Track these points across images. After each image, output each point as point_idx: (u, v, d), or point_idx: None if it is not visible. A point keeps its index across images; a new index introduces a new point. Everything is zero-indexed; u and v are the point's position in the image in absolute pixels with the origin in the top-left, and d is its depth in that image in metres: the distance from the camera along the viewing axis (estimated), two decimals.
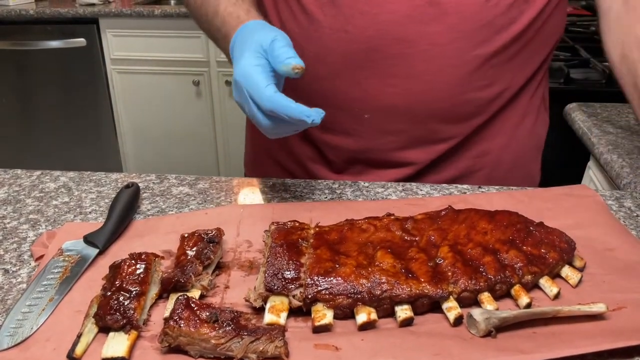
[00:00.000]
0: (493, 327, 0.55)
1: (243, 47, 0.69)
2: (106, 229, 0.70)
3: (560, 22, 0.87)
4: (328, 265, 0.60)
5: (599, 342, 0.53)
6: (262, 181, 0.88)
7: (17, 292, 0.62)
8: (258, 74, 0.66)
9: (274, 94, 0.64)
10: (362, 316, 0.57)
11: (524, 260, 0.62)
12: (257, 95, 0.65)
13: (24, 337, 0.55)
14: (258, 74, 0.66)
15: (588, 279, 0.64)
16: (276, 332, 0.53)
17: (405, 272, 0.60)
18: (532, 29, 0.82)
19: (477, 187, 0.85)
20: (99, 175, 0.89)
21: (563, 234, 0.67)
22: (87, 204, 0.81)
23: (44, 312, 0.58)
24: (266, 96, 0.64)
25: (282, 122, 0.66)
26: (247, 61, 0.67)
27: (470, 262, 0.62)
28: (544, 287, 0.62)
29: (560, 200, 0.79)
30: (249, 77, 0.66)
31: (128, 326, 0.55)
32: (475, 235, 0.66)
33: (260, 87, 0.65)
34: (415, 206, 0.76)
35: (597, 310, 0.57)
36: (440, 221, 0.69)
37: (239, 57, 0.68)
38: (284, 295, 0.58)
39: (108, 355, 0.52)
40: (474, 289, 0.59)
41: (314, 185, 0.86)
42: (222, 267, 0.66)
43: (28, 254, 0.69)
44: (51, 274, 0.63)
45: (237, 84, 0.68)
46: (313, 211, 0.76)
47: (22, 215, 0.78)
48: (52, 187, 0.85)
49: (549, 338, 0.55)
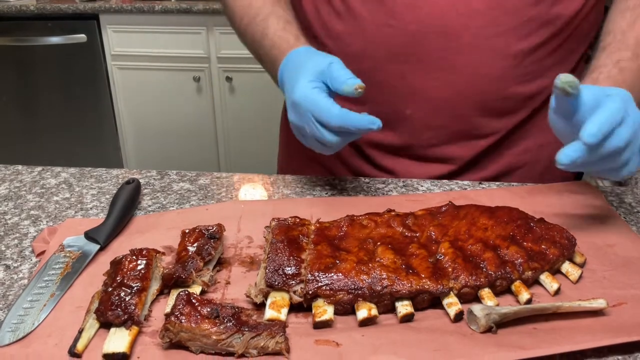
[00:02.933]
0: (493, 322, 0.55)
1: (299, 72, 0.72)
2: (107, 224, 0.70)
3: (598, 17, 0.87)
4: (329, 261, 0.60)
5: (599, 338, 0.53)
6: (263, 177, 0.88)
7: (19, 288, 0.63)
8: (320, 95, 0.69)
9: (340, 111, 0.67)
10: (363, 312, 0.57)
11: (525, 256, 0.62)
12: (325, 115, 0.68)
13: (26, 332, 0.55)
14: (320, 95, 0.69)
15: (588, 275, 0.64)
16: (277, 327, 0.54)
17: (405, 267, 0.60)
18: (573, 24, 0.82)
19: (478, 183, 0.85)
20: (99, 171, 0.89)
21: (563, 230, 0.67)
22: (88, 199, 0.81)
23: (45, 308, 0.58)
24: (334, 114, 0.67)
25: (347, 136, 0.70)
26: (306, 84, 0.70)
27: (470, 258, 0.62)
28: (544, 283, 0.62)
29: (561, 196, 0.79)
30: (312, 99, 0.69)
31: (129, 322, 0.55)
32: (475, 231, 0.66)
33: (326, 107, 0.68)
34: (416, 202, 0.76)
35: (598, 306, 0.57)
36: (440, 217, 0.69)
37: (295, 81, 0.71)
38: (285, 291, 0.59)
39: (109, 350, 0.52)
40: (475, 284, 0.59)
41: (315, 181, 0.86)
42: (223, 263, 0.66)
43: (29, 249, 0.69)
44: (52, 270, 0.64)
45: (297, 107, 0.70)
46: (314, 207, 0.76)
47: (23, 211, 0.78)
48: (53, 183, 0.85)
49: (550, 334, 0.55)
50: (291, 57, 0.75)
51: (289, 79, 0.74)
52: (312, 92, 0.69)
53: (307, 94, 0.69)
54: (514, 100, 0.85)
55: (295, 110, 0.71)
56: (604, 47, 0.76)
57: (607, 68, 0.72)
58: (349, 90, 0.68)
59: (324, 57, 0.72)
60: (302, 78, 0.70)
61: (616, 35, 0.76)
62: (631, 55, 0.73)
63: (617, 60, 0.73)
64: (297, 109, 0.70)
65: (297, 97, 0.70)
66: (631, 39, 0.75)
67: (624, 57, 0.73)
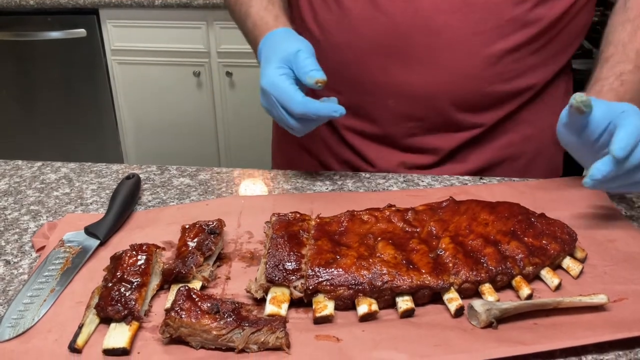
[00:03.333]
0: (494, 318, 0.55)
1: (269, 56, 0.75)
2: (107, 220, 0.70)
3: (588, 18, 0.87)
4: (329, 256, 0.60)
5: (600, 333, 0.53)
6: (263, 172, 0.88)
7: (19, 283, 0.63)
8: (285, 82, 0.72)
9: (303, 99, 0.71)
10: (363, 307, 0.57)
11: (525, 251, 0.62)
12: (288, 102, 0.71)
13: (26, 328, 0.55)
14: (285, 82, 0.72)
15: (589, 270, 0.64)
16: (277, 323, 0.53)
17: (406, 263, 0.60)
18: (558, 26, 0.82)
19: (479, 178, 0.85)
20: (99, 166, 0.88)
21: (564, 225, 0.67)
22: (88, 195, 0.81)
23: (45, 303, 0.58)
24: (297, 102, 0.71)
25: (310, 122, 0.73)
26: (274, 71, 0.73)
27: (471, 254, 0.62)
28: (545, 279, 0.62)
29: (562, 191, 0.79)
30: (277, 85, 0.72)
31: (129, 317, 0.55)
32: (476, 226, 0.66)
33: (290, 94, 0.71)
34: (416, 197, 0.76)
35: (599, 302, 0.56)
36: (441, 212, 0.68)
37: (266, 66, 0.74)
38: (285, 286, 0.58)
39: (109, 346, 0.52)
40: (475, 280, 0.59)
41: (315, 177, 0.85)
42: (223, 258, 0.66)
43: (29, 245, 0.69)
44: (52, 265, 0.64)
45: (264, 92, 0.74)
46: (314, 202, 0.76)
47: (23, 207, 0.78)
48: (52, 178, 0.85)
49: (550, 329, 0.55)
50: (268, 39, 0.78)
51: (262, 62, 0.77)
52: (278, 79, 0.72)
53: (273, 81, 0.72)
54: (494, 97, 0.85)
55: (264, 95, 0.75)
56: (606, 58, 0.77)
57: (610, 80, 0.74)
58: (310, 82, 0.71)
59: (294, 43, 0.75)
60: (271, 63, 0.74)
61: (617, 47, 0.77)
62: (632, 67, 0.74)
63: (619, 73, 0.74)
64: (265, 94, 0.74)
65: (264, 83, 0.73)
66: (632, 52, 0.76)
67: (626, 70, 0.74)
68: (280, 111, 0.73)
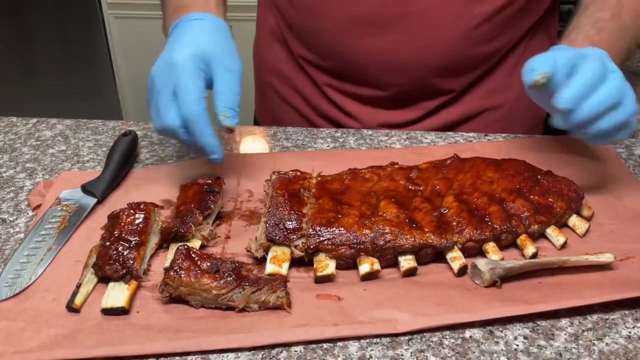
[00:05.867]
0: (498, 277, 0.54)
1: (191, 40, 0.64)
2: (104, 178, 0.69)
3: None
4: (330, 215, 0.59)
5: (606, 293, 0.52)
6: (263, 130, 0.86)
7: (15, 242, 0.62)
8: (198, 79, 0.61)
9: (203, 112, 0.60)
10: (365, 266, 0.56)
11: (531, 209, 0.61)
12: (185, 100, 0.60)
13: (23, 287, 0.54)
14: (198, 79, 0.61)
15: (596, 228, 0.63)
16: (278, 282, 0.53)
17: (409, 222, 0.59)
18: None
19: (484, 135, 0.83)
20: (95, 123, 0.86)
21: (571, 182, 0.65)
22: (85, 152, 0.79)
23: (42, 262, 0.57)
24: (195, 109, 0.60)
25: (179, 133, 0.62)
26: (191, 59, 0.61)
27: (475, 212, 0.60)
28: (550, 237, 0.61)
29: (569, 148, 0.77)
30: (187, 74, 0.61)
31: (128, 276, 0.54)
32: (481, 184, 0.64)
33: (193, 95, 0.60)
34: (420, 155, 0.75)
35: (605, 261, 0.55)
36: (445, 170, 0.67)
37: (179, 47, 0.63)
38: (286, 245, 0.57)
39: (108, 305, 0.52)
40: (479, 239, 0.58)
41: (316, 134, 0.83)
42: (222, 217, 0.65)
43: (25, 203, 0.68)
44: (49, 224, 0.62)
45: (162, 73, 0.62)
46: (315, 160, 0.74)
47: (18, 164, 0.76)
48: (48, 135, 0.83)
49: (555, 288, 0.54)
50: (192, 20, 0.67)
51: (174, 41, 0.65)
52: (192, 70, 0.61)
53: (185, 67, 0.61)
54: (472, 60, 0.84)
55: (166, 70, 0.62)
56: (585, 6, 0.74)
57: (586, 28, 0.70)
58: (221, 121, 0.62)
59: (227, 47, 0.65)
60: (191, 49, 0.62)
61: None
62: (610, 15, 0.71)
63: (596, 20, 0.71)
64: (168, 71, 0.61)
65: (170, 60, 0.62)
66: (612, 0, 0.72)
67: (604, 18, 0.71)
68: (168, 100, 0.61)
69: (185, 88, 0.60)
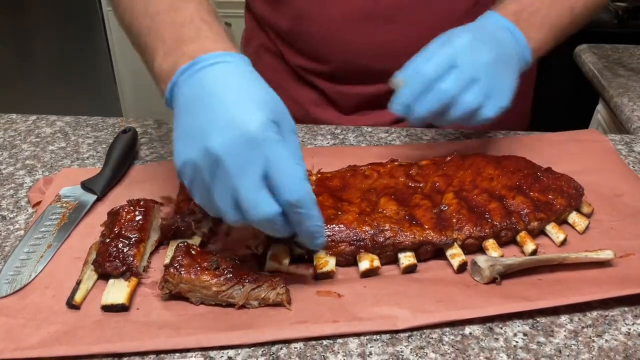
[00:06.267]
0: (497, 274, 0.54)
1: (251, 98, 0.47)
2: (104, 175, 0.68)
3: None
4: (330, 212, 0.59)
5: (606, 290, 0.52)
6: None
7: (15, 239, 0.62)
8: (294, 150, 0.48)
9: (310, 191, 0.48)
10: (365, 263, 0.56)
11: (531, 206, 0.61)
12: (287, 182, 0.46)
13: (23, 284, 0.54)
14: (294, 150, 0.48)
15: (595, 225, 0.63)
16: (278, 279, 0.53)
17: (409, 218, 0.59)
18: None
19: (484, 133, 0.83)
20: (95, 119, 0.86)
21: (571, 179, 0.65)
22: (84, 149, 0.79)
23: (42, 259, 0.57)
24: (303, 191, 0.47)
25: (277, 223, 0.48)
26: (272, 127, 0.46)
27: (475, 209, 0.60)
28: (550, 234, 0.61)
29: (569, 145, 0.77)
30: (279, 149, 0.46)
31: (128, 273, 0.54)
32: (481, 181, 0.64)
33: (297, 173, 0.47)
34: (420, 152, 0.75)
35: (605, 257, 0.56)
36: (445, 167, 0.67)
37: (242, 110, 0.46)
38: (286, 242, 0.57)
39: (108, 302, 0.52)
40: (479, 235, 0.58)
41: (316, 131, 0.83)
42: None
43: (25, 200, 0.68)
44: (49, 221, 0.62)
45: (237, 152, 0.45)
46: (315, 157, 0.74)
47: (18, 161, 0.76)
48: (48, 132, 0.83)
49: (555, 285, 0.54)
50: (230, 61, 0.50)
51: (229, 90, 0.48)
52: (279, 139, 0.46)
53: (271, 138, 0.46)
54: None
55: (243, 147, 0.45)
56: None
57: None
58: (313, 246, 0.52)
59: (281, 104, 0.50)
60: (261, 107, 0.47)
61: None
62: None
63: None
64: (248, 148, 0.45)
65: (256, 129, 0.45)
66: None
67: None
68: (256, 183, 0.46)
69: (284, 166, 0.46)
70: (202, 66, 0.49)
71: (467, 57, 0.60)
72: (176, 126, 0.49)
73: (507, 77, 0.63)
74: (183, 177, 0.49)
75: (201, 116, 0.47)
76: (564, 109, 1.53)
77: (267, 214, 0.47)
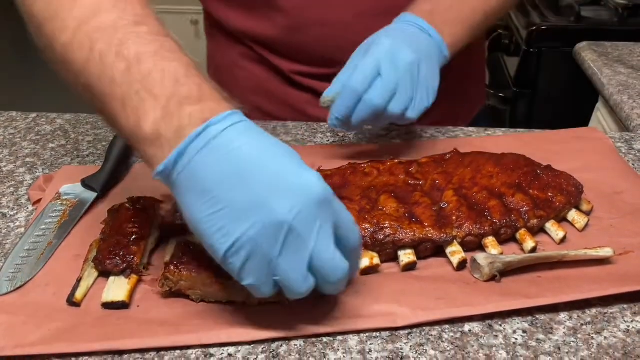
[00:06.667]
0: (497, 271, 0.54)
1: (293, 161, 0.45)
2: (104, 172, 0.69)
3: None
4: None
5: (606, 287, 0.53)
6: (263, 124, 0.86)
7: (16, 237, 0.62)
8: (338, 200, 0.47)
9: None
10: (365, 261, 0.56)
11: (530, 204, 0.61)
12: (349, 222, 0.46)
13: (24, 281, 0.55)
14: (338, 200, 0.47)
15: (595, 223, 0.63)
16: None
17: (408, 216, 0.59)
18: None
19: (484, 130, 0.83)
20: (95, 117, 0.86)
21: (571, 177, 0.65)
22: (85, 147, 0.79)
23: (43, 257, 0.58)
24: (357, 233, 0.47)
25: None
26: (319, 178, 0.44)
27: (475, 206, 0.60)
28: (550, 231, 0.61)
29: (569, 142, 0.77)
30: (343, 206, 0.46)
31: (128, 270, 0.54)
32: (480, 179, 0.64)
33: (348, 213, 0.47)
34: (420, 149, 0.75)
35: (604, 255, 0.56)
36: (445, 165, 0.67)
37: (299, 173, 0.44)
38: None
39: (109, 299, 0.52)
40: (479, 233, 0.58)
41: (316, 129, 0.83)
42: None
43: (25, 197, 0.68)
44: (49, 218, 0.63)
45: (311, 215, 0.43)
46: (315, 155, 0.74)
47: (18, 159, 0.76)
48: (48, 130, 0.83)
49: (554, 283, 0.54)
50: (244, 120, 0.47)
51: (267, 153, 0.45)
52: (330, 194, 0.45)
53: (330, 192, 0.45)
54: None
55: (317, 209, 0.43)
56: None
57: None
58: None
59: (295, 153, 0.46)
60: (304, 166, 0.45)
61: None
62: None
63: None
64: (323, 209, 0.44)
65: (323, 191, 0.44)
66: None
67: None
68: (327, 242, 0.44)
69: (345, 216, 0.46)
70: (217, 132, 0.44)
71: (389, 64, 0.64)
72: (210, 204, 0.44)
73: (429, 76, 0.66)
74: (234, 259, 0.43)
75: (253, 188, 0.43)
76: (563, 107, 1.53)
77: (344, 270, 0.45)
